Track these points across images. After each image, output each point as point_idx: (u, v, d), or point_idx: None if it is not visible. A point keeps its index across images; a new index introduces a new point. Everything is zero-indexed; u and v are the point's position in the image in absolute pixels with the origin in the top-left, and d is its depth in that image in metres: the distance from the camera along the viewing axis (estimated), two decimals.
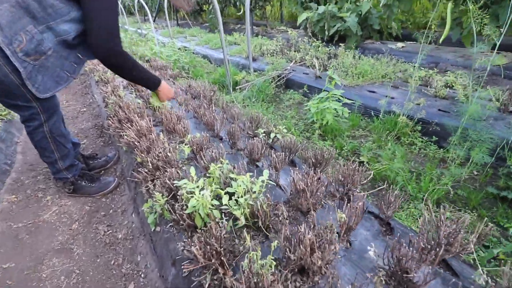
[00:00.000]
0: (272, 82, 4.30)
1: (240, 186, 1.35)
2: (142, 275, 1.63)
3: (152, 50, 5.44)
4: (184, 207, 1.39)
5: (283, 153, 1.79)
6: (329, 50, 4.96)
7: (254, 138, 1.94)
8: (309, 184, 1.47)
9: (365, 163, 2.53)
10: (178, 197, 1.46)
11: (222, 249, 1.13)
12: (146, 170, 1.82)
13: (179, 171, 1.73)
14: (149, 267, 1.66)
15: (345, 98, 3.06)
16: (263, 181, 1.38)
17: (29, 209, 2.12)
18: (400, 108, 2.85)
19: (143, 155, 1.93)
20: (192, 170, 1.48)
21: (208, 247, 1.12)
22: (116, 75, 3.47)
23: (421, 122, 2.83)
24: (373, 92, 3.51)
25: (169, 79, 3.98)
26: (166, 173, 1.68)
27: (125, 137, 2.23)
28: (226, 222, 1.26)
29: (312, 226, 1.20)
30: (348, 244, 1.29)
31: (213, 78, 4.89)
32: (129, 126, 2.28)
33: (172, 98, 2.66)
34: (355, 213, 1.26)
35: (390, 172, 2.18)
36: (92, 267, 1.70)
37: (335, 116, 3.11)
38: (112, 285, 1.60)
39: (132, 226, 1.97)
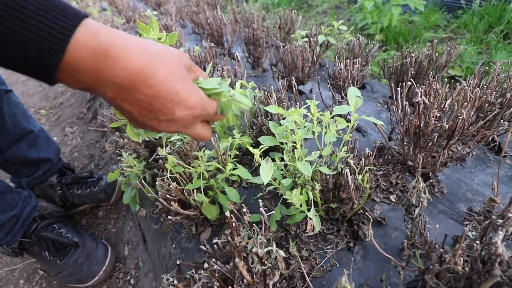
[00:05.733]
0: None
1: (297, 132, 0.56)
2: (132, 281, 1.01)
3: None
4: (172, 185, 0.65)
5: (357, 59, 0.94)
6: None
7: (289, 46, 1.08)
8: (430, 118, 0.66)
9: (458, 77, 1.63)
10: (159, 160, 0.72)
11: None
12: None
13: None
14: (141, 267, 1.03)
15: None
16: (347, 119, 0.58)
17: None
18: None
19: None
20: None
21: None
22: None
23: None
24: None
25: None
26: None
27: None
28: (267, 221, 0.52)
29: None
30: None
31: None
32: None
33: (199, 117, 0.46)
34: None
35: None
36: None
37: (401, 14, 2.09)
38: None
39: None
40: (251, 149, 0.56)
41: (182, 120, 0.42)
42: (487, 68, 0.87)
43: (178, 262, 0.57)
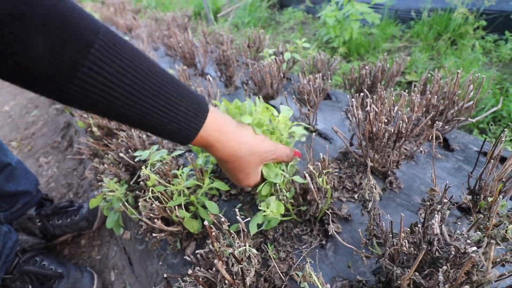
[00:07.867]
0: (263, 0, 3.31)
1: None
2: None
3: None
4: (154, 203, 0.69)
5: (318, 74, 1.04)
6: None
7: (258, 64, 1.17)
8: (384, 120, 0.75)
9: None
10: (140, 182, 0.76)
11: None
12: (92, 140, 1.09)
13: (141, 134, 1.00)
14: None
15: None
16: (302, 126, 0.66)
17: None
18: None
19: (84, 116, 1.18)
20: None
21: None
22: None
23: (484, 15, 2.01)
24: None
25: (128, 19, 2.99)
26: (121, 140, 0.95)
27: None
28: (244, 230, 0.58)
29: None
30: None
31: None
32: None
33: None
34: None
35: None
36: None
37: (360, 28, 2.26)
38: None
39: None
40: None
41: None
42: (429, 75, 0.99)
43: (165, 276, 0.61)
